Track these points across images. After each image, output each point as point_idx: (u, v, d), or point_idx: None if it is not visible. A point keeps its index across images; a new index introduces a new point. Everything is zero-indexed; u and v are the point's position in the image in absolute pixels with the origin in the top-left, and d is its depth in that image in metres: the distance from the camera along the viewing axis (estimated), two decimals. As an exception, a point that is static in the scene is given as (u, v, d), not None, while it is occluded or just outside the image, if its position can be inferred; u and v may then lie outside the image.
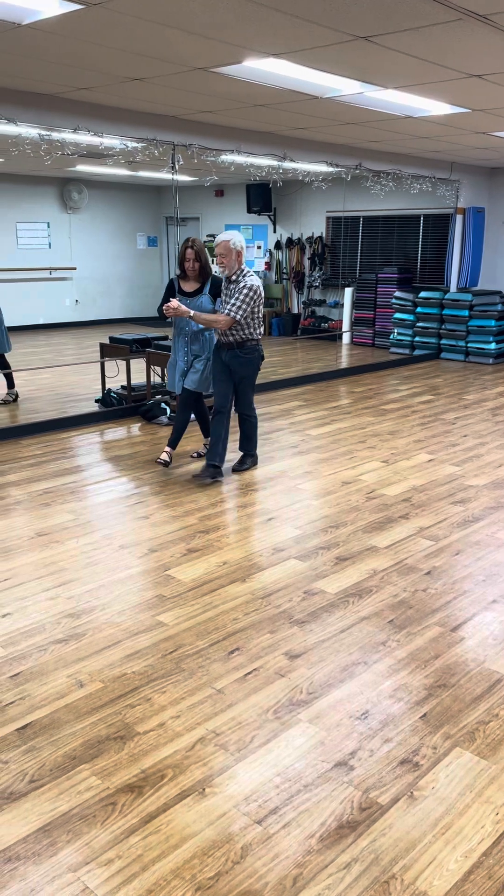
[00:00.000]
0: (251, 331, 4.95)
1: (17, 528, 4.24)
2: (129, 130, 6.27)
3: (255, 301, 4.87)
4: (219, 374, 5.07)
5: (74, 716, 2.57)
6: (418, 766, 2.34)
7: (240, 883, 1.90)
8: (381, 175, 9.09)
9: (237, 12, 3.61)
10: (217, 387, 5.08)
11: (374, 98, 5.57)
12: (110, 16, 3.71)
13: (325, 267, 12.45)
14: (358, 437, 6.24)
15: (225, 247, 4.81)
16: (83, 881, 1.90)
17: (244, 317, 4.84)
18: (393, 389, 8.38)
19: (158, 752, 2.38)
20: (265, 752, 2.39)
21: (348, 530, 4.24)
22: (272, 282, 13.24)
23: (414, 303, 10.71)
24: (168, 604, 3.37)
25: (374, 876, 1.93)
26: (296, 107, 5.97)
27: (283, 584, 3.58)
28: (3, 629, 3.13)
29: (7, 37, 4.10)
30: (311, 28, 3.82)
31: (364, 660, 2.92)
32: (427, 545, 4.05)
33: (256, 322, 4.96)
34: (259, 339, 5.05)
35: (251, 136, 7.31)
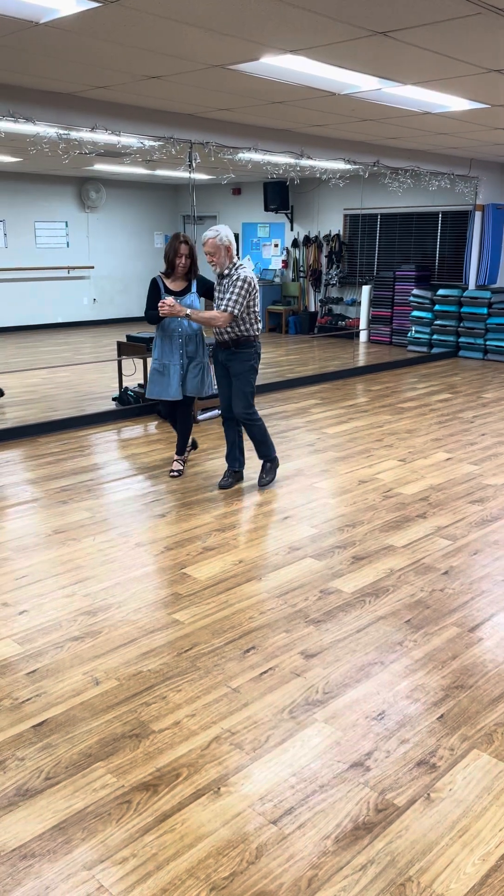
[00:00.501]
0: (248, 326, 4.66)
1: (35, 525, 4.26)
2: (147, 129, 6.28)
3: (251, 293, 4.60)
4: (221, 378, 4.84)
5: (90, 713, 2.57)
6: (435, 767, 2.31)
7: (254, 883, 1.89)
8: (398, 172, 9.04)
9: (254, 9, 3.59)
10: (221, 391, 4.87)
11: (393, 94, 5.53)
12: (127, 13, 3.71)
13: (342, 265, 12.39)
14: (375, 436, 6.20)
15: (212, 244, 4.56)
16: (98, 879, 1.90)
17: (241, 311, 4.59)
18: (410, 388, 8.33)
19: (174, 751, 2.38)
20: (280, 751, 2.38)
21: (365, 529, 4.22)
22: (289, 280, 13.21)
23: (432, 300, 10.64)
24: (184, 602, 3.37)
25: (391, 878, 1.91)
26: (313, 104, 5.94)
27: (299, 583, 3.56)
28: (20, 626, 3.15)
29: (25, 35, 4.11)
30: (329, 23, 3.80)
31: (380, 660, 2.90)
32: (445, 545, 4.01)
33: (253, 317, 4.68)
34: (257, 336, 4.76)
35: (268, 133, 7.29)
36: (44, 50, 4.40)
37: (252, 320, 4.71)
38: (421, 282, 11.15)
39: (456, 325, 10.43)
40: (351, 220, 12.25)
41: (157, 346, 4.88)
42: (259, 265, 13.54)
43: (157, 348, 4.88)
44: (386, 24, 3.80)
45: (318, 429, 6.45)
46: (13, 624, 3.16)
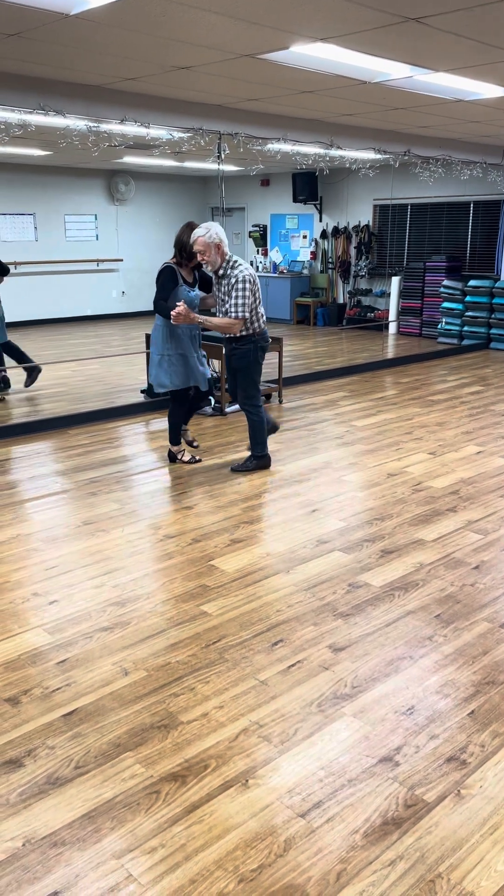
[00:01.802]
0: (249, 323, 4.66)
1: (64, 516, 4.29)
2: (176, 120, 6.27)
3: (254, 291, 4.58)
4: (228, 368, 4.96)
5: (119, 703, 2.59)
6: (466, 763, 2.29)
7: (283, 876, 1.89)
8: (429, 161, 8.92)
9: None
10: (230, 381, 5.00)
11: (424, 82, 5.45)
12: (157, 3, 3.69)
13: (371, 256, 12.29)
14: (404, 429, 6.14)
15: (203, 243, 4.46)
16: (127, 868, 1.92)
17: (251, 311, 4.60)
18: (440, 380, 8.23)
19: (202, 742, 2.38)
20: (309, 745, 2.37)
21: (394, 523, 4.18)
22: (317, 271, 13.13)
23: (463, 291, 10.50)
24: (211, 594, 3.37)
25: (420, 874, 1.89)
26: (343, 92, 5.87)
27: (328, 576, 3.55)
28: (50, 616, 3.17)
29: (55, 27, 4.12)
30: (360, 10, 3.74)
31: (410, 654, 2.88)
32: (475, 539, 3.97)
33: (255, 315, 4.67)
34: (257, 331, 4.73)
35: (298, 123, 7.24)
36: (74, 42, 4.41)
37: (253, 318, 4.67)
38: (452, 272, 11.01)
39: (487, 316, 10.28)
40: (381, 211, 12.13)
41: (169, 335, 4.77)
42: (287, 256, 13.48)
43: (173, 338, 4.77)
44: (418, 10, 3.74)
45: (346, 421, 6.41)
46: (43, 614, 3.19)
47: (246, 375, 4.83)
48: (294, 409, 6.91)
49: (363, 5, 3.66)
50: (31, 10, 3.82)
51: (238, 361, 4.80)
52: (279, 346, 7.03)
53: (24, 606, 3.26)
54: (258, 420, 4.94)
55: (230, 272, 4.55)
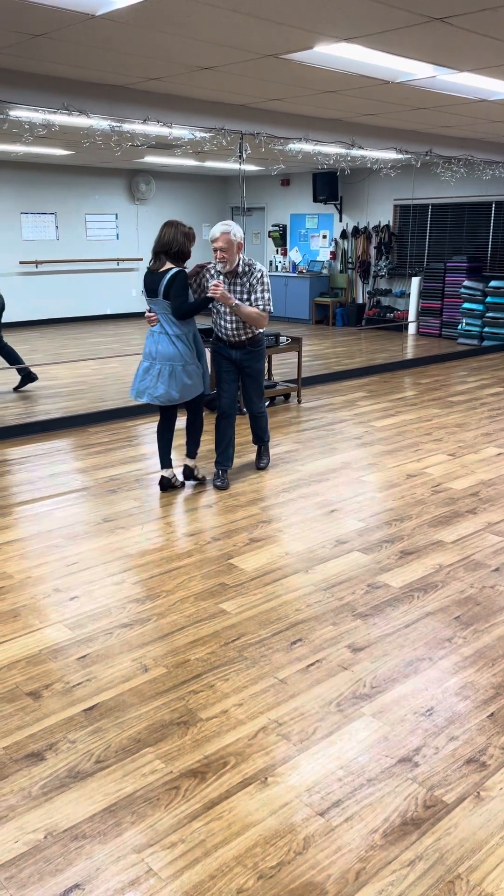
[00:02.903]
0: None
1: (85, 513, 4.32)
2: (198, 120, 6.29)
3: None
4: (225, 375, 4.69)
5: (139, 699, 2.61)
6: (485, 765, 2.28)
7: (302, 874, 1.90)
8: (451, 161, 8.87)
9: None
10: (226, 388, 4.70)
11: (448, 81, 5.43)
12: (182, 4, 3.71)
13: (391, 256, 12.25)
14: (423, 430, 6.12)
15: (227, 240, 4.33)
16: (147, 863, 1.93)
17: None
18: (460, 381, 8.19)
19: (221, 739, 2.40)
20: (328, 744, 2.37)
21: (413, 524, 4.18)
22: (337, 271, 13.11)
23: (484, 292, 10.44)
24: (230, 592, 3.38)
25: (439, 875, 1.89)
26: (366, 92, 5.86)
27: (347, 576, 3.55)
28: (71, 612, 3.20)
29: (80, 28, 4.15)
30: (385, 10, 3.74)
31: (429, 656, 2.87)
32: (495, 541, 3.95)
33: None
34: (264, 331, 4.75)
35: (319, 123, 7.23)
36: (98, 42, 4.44)
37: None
38: (472, 273, 10.94)
39: (508, 317, 10.21)
40: (401, 211, 12.08)
41: (195, 340, 4.50)
42: (307, 256, 13.47)
43: (196, 344, 4.51)
44: (444, 10, 3.73)
45: (365, 422, 6.40)
46: (64, 609, 3.22)
47: (260, 378, 4.80)
48: (313, 409, 6.90)
49: (388, 5, 3.66)
50: (57, 11, 3.85)
51: (256, 363, 4.72)
52: (298, 346, 7.03)
53: (46, 602, 3.29)
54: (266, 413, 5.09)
55: (251, 269, 4.49)
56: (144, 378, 4.46)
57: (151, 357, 4.43)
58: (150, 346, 4.44)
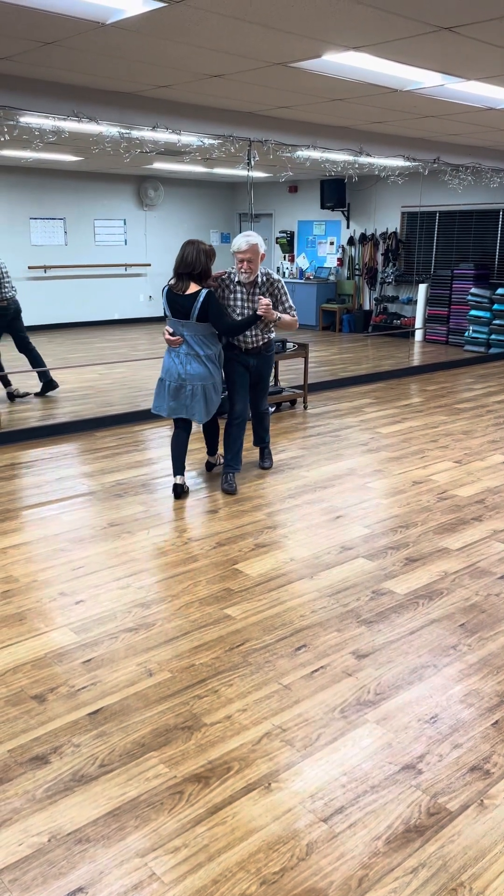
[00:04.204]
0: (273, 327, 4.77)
1: (91, 517, 4.34)
2: (207, 127, 6.32)
3: None
4: (239, 380, 4.74)
5: (144, 703, 2.61)
6: (489, 773, 2.28)
7: (304, 880, 1.90)
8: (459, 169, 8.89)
9: (317, 5, 3.58)
10: (241, 394, 4.77)
11: (456, 90, 5.44)
12: (192, 13, 3.74)
13: (398, 263, 12.26)
14: (430, 437, 6.12)
15: (254, 250, 4.45)
16: (150, 867, 1.94)
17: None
18: (467, 388, 8.19)
19: (225, 745, 2.40)
20: (331, 750, 2.38)
21: (419, 531, 4.18)
22: (344, 278, 13.13)
23: (491, 299, 10.44)
24: (235, 598, 3.39)
25: (442, 882, 1.89)
26: (374, 100, 5.89)
27: (351, 582, 3.55)
28: (76, 616, 3.21)
29: (91, 36, 4.19)
30: (393, 19, 3.76)
31: (434, 663, 2.87)
32: (501, 549, 3.94)
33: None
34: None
35: (327, 130, 7.26)
36: (109, 50, 4.48)
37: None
38: (480, 280, 10.95)
39: (515, 325, 10.21)
40: (409, 218, 12.10)
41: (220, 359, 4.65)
42: (314, 263, 13.49)
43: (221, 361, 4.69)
44: (452, 20, 3.75)
45: (371, 428, 6.40)
46: (70, 613, 3.24)
47: (269, 378, 5.03)
48: (319, 415, 6.91)
49: (397, 15, 3.68)
50: (68, 20, 3.89)
51: (269, 366, 4.96)
52: (305, 352, 7.04)
53: (51, 606, 3.30)
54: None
55: (271, 276, 4.64)
56: (178, 396, 4.51)
57: (180, 377, 4.47)
58: (176, 366, 4.49)
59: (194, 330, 4.40)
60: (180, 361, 4.47)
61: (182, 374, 4.46)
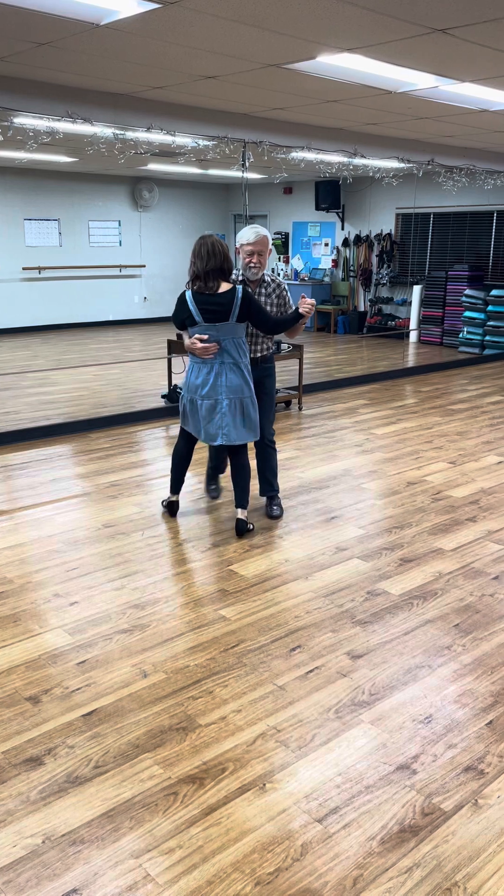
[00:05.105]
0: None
1: (85, 519, 4.33)
2: (201, 128, 6.32)
3: None
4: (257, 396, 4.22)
5: (138, 705, 2.61)
6: (483, 773, 2.28)
7: (299, 880, 1.90)
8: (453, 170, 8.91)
9: (312, 8, 3.59)
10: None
11: (450, 92, 5.46)
12: (186, 14, 3.74)
13: (393, 264, 12.28)
14: (424, 438, 6.14)
15: (264, 242, 4.02)
16: (145, 868, 1.93)
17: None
18: (461, 389, 8.21)
19: (220, 745, 2.40)
20: (326, 750, 2.38)
21: (413, 531, 4.18)
22: (339, 279, 13.15)
23: (485, 301, 10.47)
24: (230, 598, 3.39)
25: (437, 882, 1.89)
26: (368, 102, 5.90)
27: (346, 583, 3.55)
28: (70, 617, 3.21)
29: (85, 37, 4.19)
30: (387, 21, 3.77)
31: (428, 663, 2.88)
32: (495, 549, 3.95)
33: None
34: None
35: (322, 132, 7.27)
36: (103, 51, 4.48)
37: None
38: (474, 282, 10.98)
39: (509, 326, 10.24)
40: (403, 219, 12.13)
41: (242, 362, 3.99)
42: (309, 264, 13.51)
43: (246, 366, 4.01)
44: (446, 22, 3.76)
45: (366, 429, 6.41)
46: (64, 615, 3.23)
47: (274, 395, 4.34)
48: (314, 416, 6.92)
49: (391, 17, 3.69)
50: (62, 21, 3.89)
51: (271, 379, 4.29)
52: (300, 353, 7.05)
53: (46, 607, 3.30)
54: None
55: (271, 278, 4.21)
56: (212, 419, 3.92)
57: (215, 393, 3.89)
58: (210, 380, 3.88)
59: (234, 333, 3.84)
60: (217, 372, 3.87)
61: (218, 388, 3.88)
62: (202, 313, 3.83)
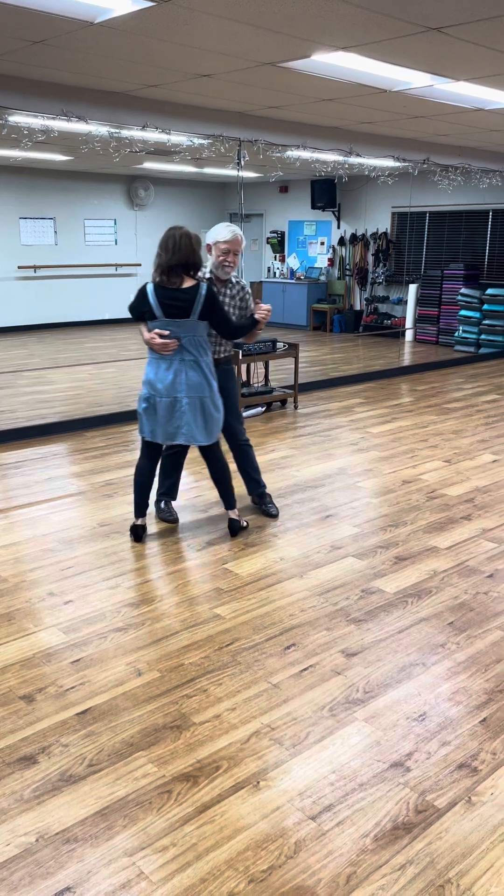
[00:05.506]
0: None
1: (80, 518, 4.33)
2: (196, 127, 6.32)
3: None
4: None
5: (132, 703, 2.61)
6: (477, 771, 2.29)
7: (293, 878, 1.90)
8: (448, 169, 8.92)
9: (306, 6, 3.59)
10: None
11: (445, 91, 5.46)
12: (180, 12, 3.74)
13: (389, 263, 12.29)
14: (420, 436, 6.14)
15: (239, 241, 3.93)
16: (138, 866, 1.93)
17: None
18: (457, 388, 8.22)
19: (214, 744, 2.40)
20: (320, 748, 2.38)
21: (408, 530, 4.19)
22: (335, 278, 13.15)
23: (481, 300, 10.48)
24: (225, 597, 3.39)
25: (430, 879, 1.90)
26: (363, 101, 5.90)
27: (341, 581, 3.56)
28: (65, 616, 3.21)
29: (79, 35, 4.18)
30: (382, 20, 3.77)
31: (422, 661, 2.88)
32: (490, 547, 3.96)
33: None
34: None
35: (317, 131, 7.27)
36: (98, 49, 4.47)
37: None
38: (469, 281, 10.99)
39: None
40: (399, 218, 12.13)
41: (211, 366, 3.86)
42: (304, 263, 13.51)
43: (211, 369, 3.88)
44: (440, 20, 3.76)
45: (361, 428, 6.42)
46: (59, 613, 3.23)
47: (237, 397, 4.25)
48: (309, 414, 6.92)
49: (385, 15, 3.69)
50: (57, 18, 3.88)
51: (232, 381, 4.18)
52: (295, 352, 7.05)
53: (40, 606, 3.29)
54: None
55: (238, 282, 4.10)
56: (171, 417, 3.75)
57: (174, 391, 3.73)
58: (168, 377, 3.73)
59: (194, 330, 3.70)
60: (177, 369, 3.73)
61: (177, 386, 3.73)
62: (163, 308, 3.69)
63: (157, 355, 3.77)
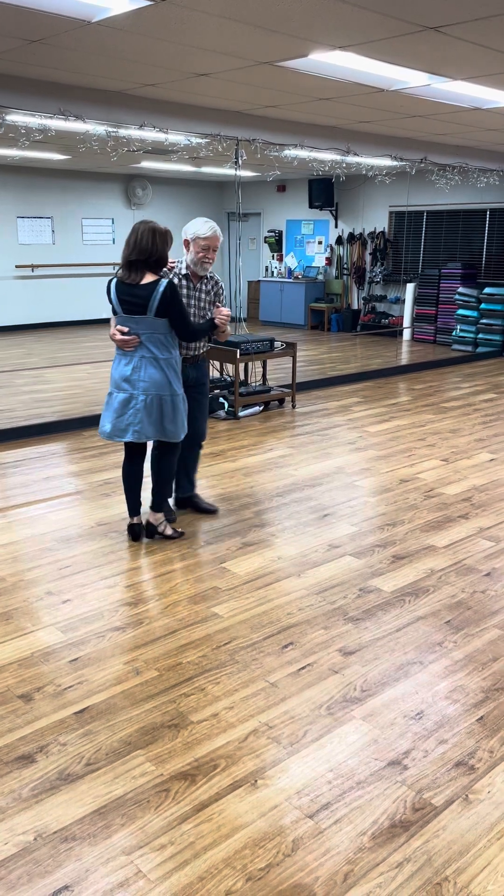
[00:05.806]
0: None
1: (78, 517, 4.33)
2: (194, 126, 6.32)
3: None
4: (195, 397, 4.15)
5: (130, 702, 2.61)
6: (474, 769, 2.30)
7: (290, 876, 1.91)
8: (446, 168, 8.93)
9: (303, 5, 3.59)
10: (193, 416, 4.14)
11: (442, 90, 5.47)
12: (178, 11, 3.74)
13: (386, 262, 12.30)
14: (417, 435, 6.15)
15: (218, 237, 3.90)
16: (136, 864, 1.94)
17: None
18: (454, 387, 8.23)
19: (212, 742, 2.41)
20: (318, 747, 2.38)
21: (405, 528, 4.19)
22: (332, 277, 13.15)
23: (478, 299, 10.49)
24: (223, 596, 3.39)
25: (427, 877, 1.90)
26: (361, 100, 5.90)
27: (339, 580, 3.56)
28: (63, 615, 3.21)
29: (77, 34, 4.18)
30: (379, 19, 3.77)
31: (420, 660, 2.89)
32: (487, 546, 3.97)
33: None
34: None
35: (315, 130, 7.27)
36: (95, 48, 4.47)
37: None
38: (467, 280, 11.00)
39: (502, 324, 10.26)
40: (396, 217, 12.14)
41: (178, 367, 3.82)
42: (302, 262, 13.51)
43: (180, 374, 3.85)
44: (438, 20, 3.77)
45: (359, 427, 6.42)
46: (57, 612, 3.23)
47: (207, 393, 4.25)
48: (307, 413, 6.93)
49: (383, 14, 3.69)
50: (54, 18, 3.88)
51: (206, 378, 4.20)
52: (293, 351, 7.05)
53: (38, 605, 3.30)
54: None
55: (215, 277, 4.09)
56: (124, 413, 3.71)
57: (130, 386, 3.69)
58: (126, 372, 3.69)
59: (152, 328, 3.63)
60: (134, 366, 3.67)
61: (134, 382, 3.67)
62: (121, 304, 3.66)
63: (120, 351, 3.75)
